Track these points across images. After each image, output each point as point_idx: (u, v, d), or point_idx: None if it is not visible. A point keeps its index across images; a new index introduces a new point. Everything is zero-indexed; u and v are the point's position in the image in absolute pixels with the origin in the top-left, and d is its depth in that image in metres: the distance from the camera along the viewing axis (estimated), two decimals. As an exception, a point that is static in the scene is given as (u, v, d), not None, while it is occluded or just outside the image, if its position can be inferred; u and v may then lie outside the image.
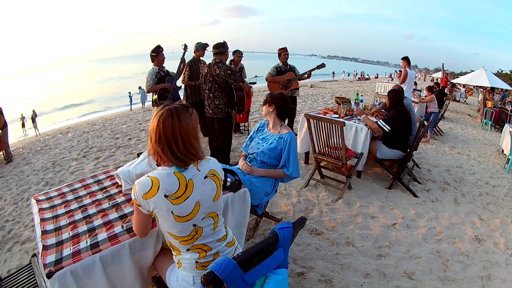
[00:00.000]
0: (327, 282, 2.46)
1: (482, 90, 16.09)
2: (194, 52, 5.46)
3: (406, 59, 6.73)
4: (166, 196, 1.38)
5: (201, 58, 5.55)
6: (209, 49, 4.67)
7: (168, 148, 1.40)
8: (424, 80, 36.27)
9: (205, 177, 1.50)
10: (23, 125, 17.18)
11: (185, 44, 4.71)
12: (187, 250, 1.51)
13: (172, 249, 1.56)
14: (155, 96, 4.41)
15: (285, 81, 5.65)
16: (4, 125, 7.30)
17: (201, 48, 5.37)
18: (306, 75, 5.68)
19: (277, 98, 2.76)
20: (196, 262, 1.52)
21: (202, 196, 1.47)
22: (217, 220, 1.56)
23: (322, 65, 5.83)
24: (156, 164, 1.52)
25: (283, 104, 2.76)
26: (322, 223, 3.30)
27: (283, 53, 5.72)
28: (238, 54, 6.16)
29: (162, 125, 1.39)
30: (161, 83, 4.42)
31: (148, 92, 4.45)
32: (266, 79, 5.81)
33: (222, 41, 4.20)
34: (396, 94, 4.03)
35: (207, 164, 1.54)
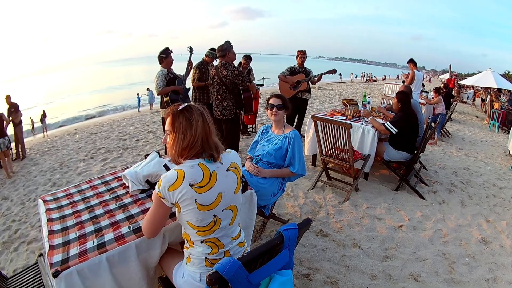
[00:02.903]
0: (333, 283, 2.45)
1: (490, 91, 15.93)
2: (205, 56, 5.50)
3: (412, 62, 6.71)
4: (191, 185, 1.41)
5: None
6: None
7: (208, 148, 1.50)
8: (429, 81, 35.82)
9: (227, 170, 1.55)
10: (32, 127, 17.34)
11: (190, 47, 4.72)
12: (201, 242, 1.52)
13: (186, 241, 1.58)
14: (167, 98, 4.42)
15: (293, 82, 5.66)
16: (20, 122, 7.45)
17: (212, 56, 5.40)
18: (316, 78, 5.69)
19: (287, 100, 2.80)
20: (206, 258, 1.53)
21: (224, 188, 1.51)
22: (235, 214, 1.59)
23: (333, 71, 5.87)
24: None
25: (290, 103, 2.83)
26: (328, 225, 3.30)
27: (300, 55, 5.75)
28: (246, 59, 6.21)
29: (201, 127, 1.48)
30: (170, 85, 4.45)
31: (158, 94, 4.46)
32: (279, 77, 5.85)
33: (224, 42, 4.20)
34: (404, 96, 4.00)
35: (228, 156, 1.61)
